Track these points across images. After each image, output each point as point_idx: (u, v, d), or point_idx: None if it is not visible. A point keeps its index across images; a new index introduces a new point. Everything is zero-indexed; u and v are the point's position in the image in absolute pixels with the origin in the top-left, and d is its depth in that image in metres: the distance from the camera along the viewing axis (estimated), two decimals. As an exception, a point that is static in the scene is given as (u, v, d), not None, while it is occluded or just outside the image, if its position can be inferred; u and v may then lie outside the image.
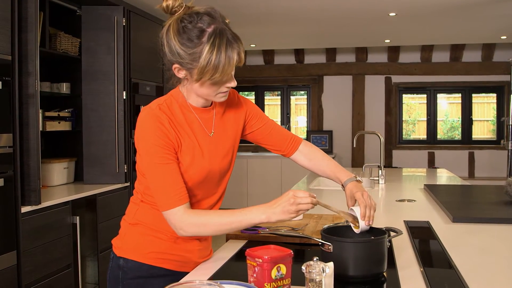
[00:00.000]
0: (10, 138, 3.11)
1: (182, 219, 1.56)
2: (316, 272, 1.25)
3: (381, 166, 3.97)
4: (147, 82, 4.82)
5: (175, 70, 1.60)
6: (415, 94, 8.94)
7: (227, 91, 1.63)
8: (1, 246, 3.03)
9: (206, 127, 1.72)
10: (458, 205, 2.81)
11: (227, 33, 1.54)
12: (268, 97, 9.47)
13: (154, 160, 1.57)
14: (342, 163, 8.80)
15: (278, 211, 1.52)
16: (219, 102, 1.72)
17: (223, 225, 1.57)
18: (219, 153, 1.74)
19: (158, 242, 1.71)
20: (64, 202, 3.62)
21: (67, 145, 4.58)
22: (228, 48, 1.52)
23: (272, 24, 6.35)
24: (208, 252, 1.86)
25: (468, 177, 8.38)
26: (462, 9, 5.45)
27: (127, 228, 1.76)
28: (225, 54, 1.52)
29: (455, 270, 1.60)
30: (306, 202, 1.51)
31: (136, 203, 1.76)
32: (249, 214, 1.55)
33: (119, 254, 1.74)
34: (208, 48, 1.50)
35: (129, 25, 4.46)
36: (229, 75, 1.57)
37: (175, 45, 1.54)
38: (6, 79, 3.07)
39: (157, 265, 1.71)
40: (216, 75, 1.53)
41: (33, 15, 3.26)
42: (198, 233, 1.59)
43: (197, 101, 1.69)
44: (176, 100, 1.67)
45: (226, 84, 1.61)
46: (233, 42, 1.55)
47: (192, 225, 1.57)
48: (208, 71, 1.52)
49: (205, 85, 1.59)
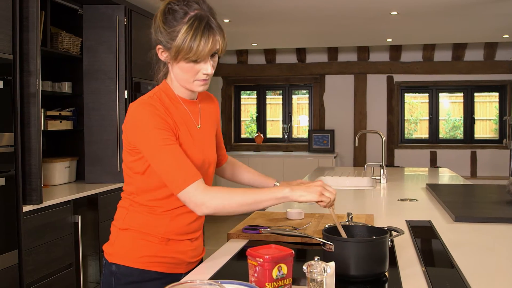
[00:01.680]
0: (11, 137, 3.11)
1: (204, 192, 1.54)
2: (318, 272, 1.25)
3: (383, 166, 3.96)
4: (149, 81, 4.82)
5: (158, 52, 1.68)
6: (417, 93, 8.92)
7: (205, 79, 1.66)
8: (3, 245, 3.03)
9: (195, 119, 1.77)
10: (460, 204, 2.81)
11: (209, 20, 1.60)
12: (270, 96, 9.46)
13: (158, 142, 1.56)
14: (344, 163, 8.79)
15: (302, 188, 1.57)
16: (202, 98, 1.83)
17: (247, 198, 1.56)
18: (208, 144, 1.80)
19: (149, 246, 1.70)
20: (66, 201, 3.63)
21: (68, 144, 4.58)
22: (206, 32, 1.58)
23: (274, 23, 6.34)
24: (201, 251, 1.87)
25: (470, 176, 8.37)
26: (464, 8, 5.44)
27: (117, 234, 1.75)
28: (201, 36, 1.57)
29: (457, 269, 1.59)
30: (331, 193, 1.60)
31: (125, 207, 1.75)
32: (273, 188, 1.59)
33: (111, 260, 1.73)
34: (186, 28, 1.57)
35: (131, 24, 4.46)
36: (204, 59, 1.61)
37: (159, 24, 1.63)
38: (7, 78, 3.07)
39: (149, 268, 1.70)
40: (189, 55, 1.58)
41: (34, 14, 3.26)
42: (222, 207, 1.55)
43: (183, 91, 1.73)
44: (165, 92, 1.72)
45: (203, 70, 1.63)
46: (213, 29, 1.60)
47: (216, 198, 1.55)
48: (182, 50, 1.58)
49: (182, 68, 1.63)
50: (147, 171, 1.67)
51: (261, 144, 9.10)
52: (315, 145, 8.74)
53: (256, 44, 8.09)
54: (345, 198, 3.33)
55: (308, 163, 8.11)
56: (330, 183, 4.33)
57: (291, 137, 9.22)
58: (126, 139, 1.66)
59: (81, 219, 3.78)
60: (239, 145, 9.24)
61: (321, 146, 8.72)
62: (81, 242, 3.81)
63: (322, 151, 8.66)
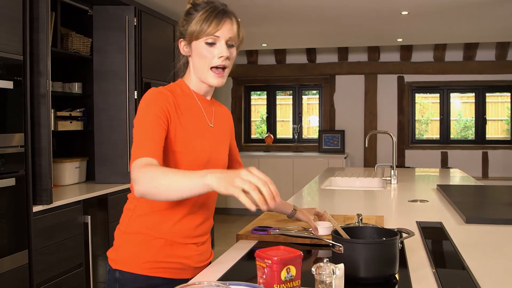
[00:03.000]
0: (22, 137, 3.12)
1: (140, 169, 1.45)
2: (326, 273, 1.24)
3: (393, 166, 3.94)
4: (159, 82, 4.82)
5: (180, 46, 1.74)
6: (428, 93, 8.88)
7: (220, 68, 1.68)
8: (13, 245, 3.04)
9: (208, 117, 1.78)
10: (472, 205, 2.78)
11: (226, 8, 1.69)
12: (280, 97, 9.45)
13: (143, 117, 1.59)
14: (354, 163, 8.77)
15: (222, 176, 1.32)
16: (218, 106, 1.86)
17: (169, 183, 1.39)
18: (219, 143, 1.80)
19: (154, 251, 1.67)
20: (76, 202, 3.63)
21: (78, 144, 4.59)
22: (220, 15, 1.66)
23: (284, 24, 6.33)
24: (208, 255, 1.84)
25: (482, 177, 8.31)
26: (475, 7, 5.41)
27: (121, 239, 1.73)
28: (214, 17, 1.65)
29: (468, 271, 1.57)
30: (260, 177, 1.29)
31: (130, 209, 1.74)
32: (194, 175, 1.36)
33: (115, 267, 1.71)
34: (202, 11, 1.66)
35: (140, 25, 4.46)
36: (218, 40, 1.66)
37: (182, 18, 1.72)
38: (18, 79, 3.08)
39: (154, 274, 1.68)
40: (201, 34, 1.64)
41: (44, 15, 3.27)
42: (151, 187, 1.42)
43: (198, 86, 1.76)
44: (180, 87, 1.75)
45: (218, 53, 1.66)
46: (228, 14, 1.68)
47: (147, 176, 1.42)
48: (196, 30, 1.65)
49: (199, 54, 1.67)
50: None
51: (271, 145, 9.09)
52: (325, 145, 8.72)
53: (266, 44, 8.08)
54: (355, 199, 3.32)
55: (318, 164, 8.09)
56: (340, 184, 4.31)
57: (301, 138, 9.20)
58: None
59: (91, 219, 3.78)
60: (249, 145, 9.23)
61: (331, 147, 8.70)
62: (90, 242, 3.82)
63: (332, 151, 8.64)
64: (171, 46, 5.20)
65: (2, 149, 2.97)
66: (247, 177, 1.27)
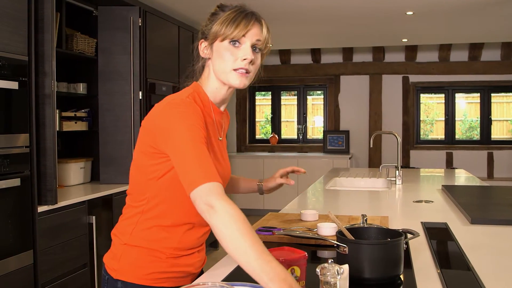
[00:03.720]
0: (27, 138, 3.13)
1: (221, 197, 1.32)
2: (331, 274, 1.23)
3: (398, 167, 3.93)
4: (163, 82, 4.83)
5: (200, 48, 1.64)
6: (433, 93, 8.86)
7: (243, 68, 1.58)
8: (18, 245, 3.05)
9: (219, 130, 1.72)
10: (477, 206, 2.77)
11: (255, 12, 1.63)
12: (284, 97, 9.45)
13: (186, 136, 1.43)
14: (359, 164, 8.75)
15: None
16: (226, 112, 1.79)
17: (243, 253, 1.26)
18: (225, 157, 1.77)
19: (159, 262, 1.62)
20: (80, 202, 3.64)
21: (83, 145, 4.60)
22: (248, 16, 1.59)
23: (288, 24, 6.33)
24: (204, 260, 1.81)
25: (487, 177, 8.28)
26: (480, 7, 5.39)
27: (122, 249, 1.64)
28: (242, 18, 1.57)
29: (473, 272, 1.57)
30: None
31: (133, 222, 1.65)
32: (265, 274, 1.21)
33: (116, 277, 1.63)
34: (229, 12, 1.59)
35: (145, 25, 4.47)
36: (244, 41, 1.58)
37: (206, 18, 1.64)
38: (22, 79, 3.09)
39: (157, 285, 1.63)
40: (228, 32, 1.55)
41: (49, 16, 3.28)
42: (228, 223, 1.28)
43: (216, 93, 1.65)
44: (198, 95, 1.63)
45: (242, 55, 1.57)
46: (256, 17, 1.62)
47: (229, 213, 1.29)
48: (222, 28, 1.56)
49: (221, 55, 1.58)
50: (165, 176, 1.56)
51: (275, 145, 9.09)
52: (330, 146, 8.71)
53: (271, 44, 8.02)
54: (360, 200, 3.31)
55: (323, 164, 8.09)
56: (345, 185, 4.31)
57: (306, 138, 9.19)
58: (150, 139, 1.55)
59: (95, 220, 3.79)
60: (254, 146, 9.23)
61: (336, 147, 8.69)
62: (95, 243, 3.82)
63: (337, 152, 8.63)
64: (176, 47, 5.20)
65: (7, 149, 2.98)
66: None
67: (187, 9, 5.39)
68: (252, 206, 8.24)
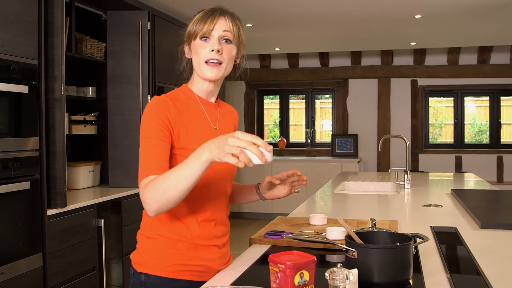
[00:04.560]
0: (36, 141, 3.15)
1: (144, 190, 1.52)
2: (340, 279, 1.23)
3: (407, 171, 3.92)
4: (172, 86, 4.84)
5: (185, 49, 1.80)
6: (442, 97, 8.82)
7: (213, 60, 1.70)
8: (28, 248, 3.06)
9: (211, 120, 1.79)
10: (486, 210, 2.76)
11: (223, 9, 1.74)
12: (293, 101, 9.44)
13: (144, 133, 1.62)
14: (368, 167, 8.73)
15: (214, 147, 1.40)
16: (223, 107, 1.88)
17: (172, 178, 1.46)
18: None
19: (178, 254, 1.70)
20: (90, 205, 3.66)
21: (92, 148, 4.62)
22: (215, 13, 1.71)
23: (297, 28, 6.33)
24: (228, 258, 1.86)
25: (497, 181, 8.24)
26: (489, 10, 5.37)
27: (145, 243, 1.75)
28: (210, 15, 1.70)
29: (483, 277, 1.56)
30: (244, 139, 1.35)
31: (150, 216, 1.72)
32: (193, 157, 1.44)
33: (140, 270, 1.72)
34: (200, 13, 1.74)
35: (154, 30, 4.49)
36: (211, 36, 1.70)
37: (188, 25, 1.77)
38: (32, 83, 3.11)
39: (179, 277, 1.70)
40: (198, 28, 1.70)
41: (59, 20, 3.30)
42: (158, 198, 1.48)
43: (201, 88, 1.78)
44: (183, 92, 1.78)
45: (210, 47, 1.69)
46: (224, 13, 1.73)
47: (150, 192, 1.49)
48: (192, 29, 1.72)
49: (195, 51, 1.72)
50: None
51: (284, 149, 9.08)
52: (338, 149, 8.70)
53: (279, 48, 8.08)
54: (369, 204, 3.30)
55: (332, 168, 8.07)
56: (354, 189, 4.30)
57: (314, 142, 9.18)
58: None
59: (104, 223, 3.80)
60: (262, 149, 9.21)
61: (344, 151, 8.68)
62: (104, 246, 3.84)
63: (346, 155, 8.61)
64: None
65: (18, 153, 3.00)
66: (234, 143, 1.36)
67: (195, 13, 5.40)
68: (260, 210, 8.24)
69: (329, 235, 2.00)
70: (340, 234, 1.97)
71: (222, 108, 1.87)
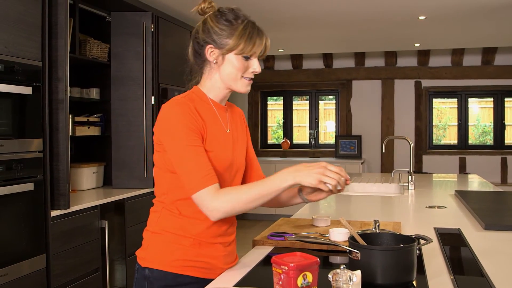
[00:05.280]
0: (40, 143, 3.15)
1: (215, 197, 1.58)
2: (343, 280, 1.23)
3: (410, 172, 3.91)
4: (176, 88, 4.84)
5: (207, 52, 1.72)
6: (446, 98, 8.81)
7: (251, 78, 1.75)
8: (31, 249, 3.06)
9: (223, 123, 1.79)
10: (490, 212, 2.75)
11: (257, 25, 1.74)
12: (296, 102, 9.44)
13: (183, 142, 1.61)
14: (371, 169, 8.72)
15: (303, 174, 1.57)
16: (231, 108, 1.87)
17: (253, 194, 1.59)
18: (238, 148, 1.82)
19: (183, 249, 1.70)
20: (93, 206, 3.66)
21: (96, 149, 4.62)
22: (259, 32, 1.72)
23: (300, 29, 6.33)
24: (234, 258, 1.85)
25: (501, 183, 8.22)
26: (493, 11, 5.36)
27: (150, 238, 1.76)
28: (257, 35, 1.70)
29: (487, 278, 1.55)
30: (335, 173, 1.58)
31: (157, 211, 1.76)
32: (277, 180, 1.60)
33: (144, 265, 1.73)
34: (242, 27, 1.69)
35: (158, 31, 4.49)
36: (256, 56, 1.72)
37: (213, 26, 1.71)
38: (36, 84, 3.11)
39: (183, 273, 1.70)
40: (245, 50, 1.68)
41: (63, 22, 3.31)
42: (232, 209, 1.59)
43: (218, 94, 1.77)
44: (197, 95, 1.76)
45: (252, 68, 1.73)
46: (263, 31, 1.74)
47: (226, 201, 1.58)
48: (240, 44, 1.68)
49: (233, 65, 1.70)
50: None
51: (287, 150, 9.08)
52: (342, 151, 8.69)
53: (283, 49, 8.08)
54: (372, 205, 3.30)
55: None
56: (357, 190, 4.29)
57: (318, 143, 9.18)
58: (157, 138, 1.70)
59: (108, 224, 3.80)
60: (266, 151, 9.23)
61: (348, 152, 8.67)
62: (108, 247, 3.84)
63: (349, 157, 8.60)
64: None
65: (21, 154, 3.01)
66: (329, 174, 1.58)
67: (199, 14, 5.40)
68: (264, 211, 8.23)
69: (333, 236, 2.00)
70: (344, 236, 1.97)
71: (230, 110, 1.88)
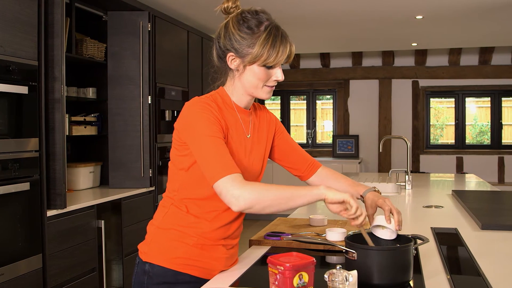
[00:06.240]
0: (36, 142, 3.14)
1: (241, 185, 1.51)
2: (339, 280, 1.22)
3: (408, 171, 3.91)
4: (172, 87, 4.84)
5: (228, 60, 1.69)
6: (443, 98, 8.82)
7: (273, 86, 1.72)
8: (27, 249, 3.05)
9: (245, 128, 1.77)
10: (487, 211, 2.75)
11: (283, 30, 1.69)
12: (293, 102, 9.44)
13: (205, 132, 1.58)
14: (369, 168, 8.72)
15: (336, 197, 1.52)
16: (254, 109, 1.85)
17: (282, 192, 1.53)
18: (255, 155, 1.79)
19: (185, 248, 1.69)
20: (89, 206, 3.65)
21: (93, 149, 4.61)
22: (283, 40, 1.66)
23: (298, 28, 6.33)
24: (234, 260, 1.84)
25: (498, 182, 8.23)
26: (491, 11, 5.36)
27: (154, 233, 1.75)
28: (280, 43, 1.65)
29: (483, 278, 1.55)
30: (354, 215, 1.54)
31: (165, 206, 1.76)
32: (313, 189, 1.55)
33: (145, 259, 1.73)
34: (265, 35, 1.64)
35: (154, 30, 4.48)
36: (279, 64, 1.68)
37: (234, 33, 1.66)
38: (32, 84, 3.10)
39: (183, 271, 1.69)
40: (268, 61, 1.63)
41: (59, 21, 3.29)
42: (258, 200, 1.51)
43: (241, 99, 1.76)
44: (221, 97, 1.74)
45: (274, 76, 1.69)
46: (287, 37, 1.69)
47: (253, 191, 1.51)
48: (262, 56, 1.63)
49: (255, 74, 1.67)
50: (191, 168, 1.67)
51: (284, 150, 9.06)
52: (339, 150, 8.69)
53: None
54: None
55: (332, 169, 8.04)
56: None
57: (315, 143, 9.18)
58: (177, 134, 1.68)
59: (104, 224, 3.79)
60: (263, 150, 9.21)
61: (345, 152, 8.67)
62: (104, 247, 3.83)
63: (347, 156, 8.61)
64: (185, 51, 5.21)
65: (17, 153, 2.99)
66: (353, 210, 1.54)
67: (196, 13, 5.41)
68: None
69: (329, 236, 2.00)
70: (340, 236, 1.97)
71: (255, 114, 1.85)
